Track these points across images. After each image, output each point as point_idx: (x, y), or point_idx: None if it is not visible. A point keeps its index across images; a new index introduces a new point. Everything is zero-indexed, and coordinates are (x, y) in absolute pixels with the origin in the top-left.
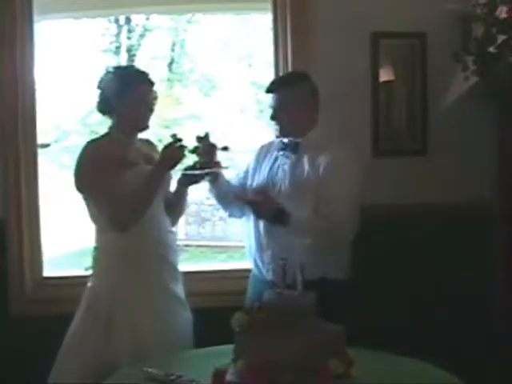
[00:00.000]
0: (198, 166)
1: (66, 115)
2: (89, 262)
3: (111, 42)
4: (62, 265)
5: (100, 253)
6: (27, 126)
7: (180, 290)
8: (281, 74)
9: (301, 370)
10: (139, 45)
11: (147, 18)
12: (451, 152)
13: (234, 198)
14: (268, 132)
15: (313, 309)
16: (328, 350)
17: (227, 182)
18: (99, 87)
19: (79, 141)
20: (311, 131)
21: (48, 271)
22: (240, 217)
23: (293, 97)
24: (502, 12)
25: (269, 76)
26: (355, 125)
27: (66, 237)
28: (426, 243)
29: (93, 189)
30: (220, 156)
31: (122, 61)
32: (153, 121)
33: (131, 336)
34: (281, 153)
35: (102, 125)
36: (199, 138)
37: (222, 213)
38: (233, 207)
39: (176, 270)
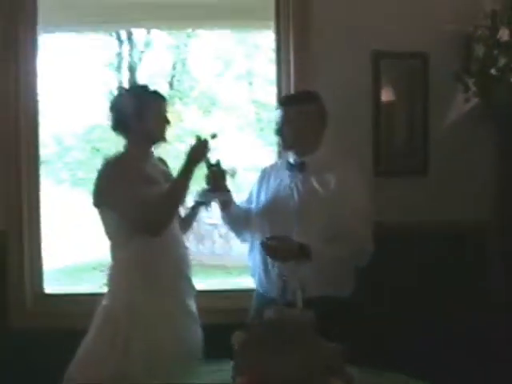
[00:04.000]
0: (208, 189)
1: (67, 130)
2: (86, 277)
3: (112, 58)
4: (59, 279)
5: (118, 269)
6: (29, 138)
7: (193, 305)
8: (283, 92)
9: None
10: (140, 60)
11: (148, 33)
12: (452, 172)
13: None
14: (268, 151)
15: (313, 326)
16: (327, 368)
17: (237, 206)
18: (115, 108)
19: (80, 156)
20: (317, 151)
21: (46, 285)
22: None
23: (302, 113)
24: (503, 34)
25: (270, 94)
26: (356, 144)
27: (64, 251)
28: (427, 261)
29: (120, 200)
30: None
31: (124, 76)
32: None
33: (149, 353)
34: (288, 173)
35: (103, 141)
36: (211, 165)
37: (222, 230)
38: (245, 233)
39: (192, 285)
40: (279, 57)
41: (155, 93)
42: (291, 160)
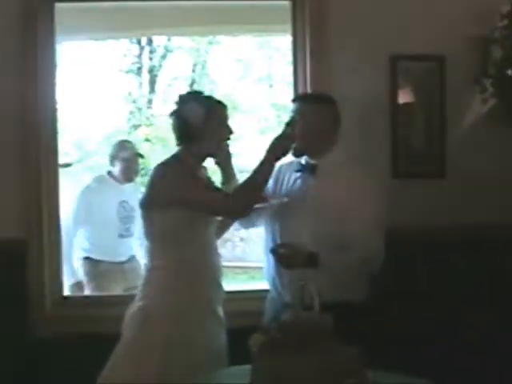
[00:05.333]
0: None
1: (88, 135)
2: None
3: (133, 63)
4: None
5: (156, 273)
6: (49, 145)
7: (221, 310)
8: None
9: None
10: (160, 66)
11: (169, 39)
12: (469, 174)
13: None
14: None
15: (330, 330)
16: (345, 372)
17: None
18: (181, 116)
19: (102, 161)
20: (329, 153)
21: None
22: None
23: (318, 112)
24: None
25: (289, 97)
26: (374, 146)
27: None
28: (443, 265)
29: (189, 195)
30: None
31: (144, 81)
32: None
33: (186, 359)
34: (298, 174)
35: None
36: None
37: (243, 233)
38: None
39: (223, 291)
40: (296, 59)
41: (219, 102)
42: (303, 161)
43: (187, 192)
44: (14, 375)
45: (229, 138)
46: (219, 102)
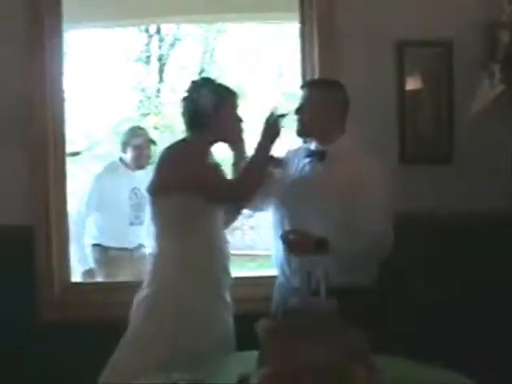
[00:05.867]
0: None
1: (97, 124)
2: None
3: (142, 52)
4: None
5: (163, 260)
6: (56, 133)
7: (228, 295)
8: None
9: (323, 376)
10: (169, 54)
11: (177, 28)
12: (477, 160)
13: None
14: (296, 141)
15: (336, 315)
16: (351, 357)
17: None
18: (193, 101)
19: (110, 149)
20: (338, 140)
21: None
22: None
23: (327, 98)
24: None
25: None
26: (382, 132)
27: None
28: (451, 251)
29: (197, 177)
30: None
31: (153, 70)
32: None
33: (191, 345)
34: (307, 160)
35: None
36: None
37: (252, 222)
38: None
39: (230, 277)
40: (304, 46)
41: (231, 90)
42: (312, 147)
43: (195, 174)
44: (22, 360)
45: (239, 127)
46: (230, 90)
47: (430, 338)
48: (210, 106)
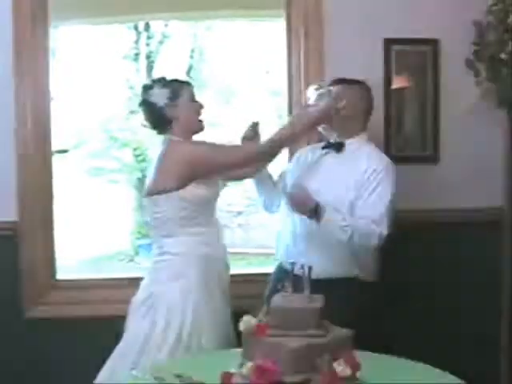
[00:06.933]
0: None
1: (84, 122)
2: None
3: (130, 49)
4: (77, 271)
5: (167, 258)
6: (42, 130)
7: (228, 291)
8: (294, 81)
9: (306, 372)
10: (158, 51)
11: (166, 25)
12: (463, 159)
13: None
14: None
15: (320, 311)
16: (334, 353)
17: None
18: (148, 103)
19: (99, 146)
20: (358, 136)
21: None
22: (273, 211)
23: (357, 95)
24: None
25: (284, 84)
26: (368, 130)
27: (82, 243)
28: (437, 250)
29: (209, 159)
30: None
31: (142, 67)
32: None
33: (196, 345)
34: (324, 151)
35: (122, 131)
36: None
37: (241, 220)
38: (270, 198)
39: (228, 274)
40: (290, 45)
41: (183, 81)
42: (331, 140)
43: (198, 158)
44: (6, 357)
45: (200, 113)
46: (183, 82)
47: (425, 337)
48: (167, 100)
